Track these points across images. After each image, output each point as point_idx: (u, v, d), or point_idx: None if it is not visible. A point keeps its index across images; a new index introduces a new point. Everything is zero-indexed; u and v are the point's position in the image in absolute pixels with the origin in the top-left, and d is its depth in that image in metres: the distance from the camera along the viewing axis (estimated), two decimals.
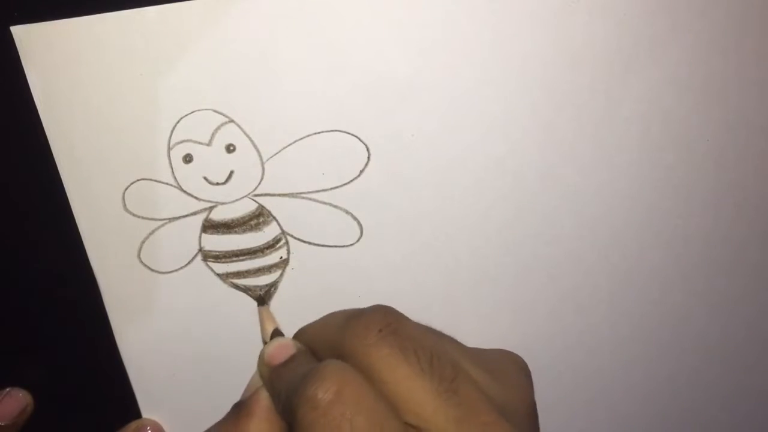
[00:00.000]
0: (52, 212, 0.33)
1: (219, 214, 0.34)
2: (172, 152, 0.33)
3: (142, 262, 0.34)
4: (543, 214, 0.37)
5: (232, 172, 0.33)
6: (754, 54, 0.35)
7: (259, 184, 0.34)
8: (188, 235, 0.34)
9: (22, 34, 0.30)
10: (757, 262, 0.40)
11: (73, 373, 0.36)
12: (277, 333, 0.34)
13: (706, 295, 0.40)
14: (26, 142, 0.32)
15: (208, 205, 0.34)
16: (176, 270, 0.34)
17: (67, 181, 0.32)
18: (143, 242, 0.34)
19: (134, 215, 0.33)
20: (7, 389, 0.35)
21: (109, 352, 0.35)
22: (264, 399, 0.29)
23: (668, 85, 0.35)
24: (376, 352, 0.26)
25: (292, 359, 0.29)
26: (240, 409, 0.30)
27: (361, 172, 0.34)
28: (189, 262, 0.34)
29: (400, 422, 0.25)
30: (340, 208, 0.35)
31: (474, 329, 0.37)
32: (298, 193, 0.34)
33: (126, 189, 0.33)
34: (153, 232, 0.34)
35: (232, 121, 0.32)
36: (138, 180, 0.33)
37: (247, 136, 0.33)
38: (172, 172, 0.33)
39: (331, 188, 0.34)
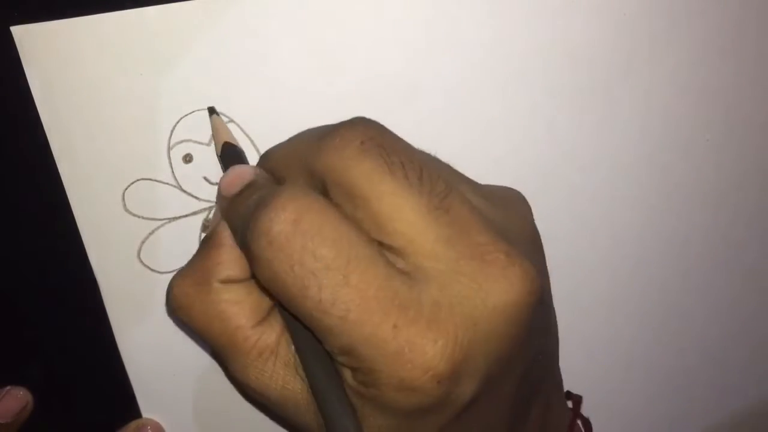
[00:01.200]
0: (52, 212, 0.33)
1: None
2: (172, 152, 0.33)
3: (142, 262, 0.34)
4: (543, 214, 0.37)
5: None
6: (754, 54, 0.36)
7: None
8: (188, 235, 0.34)
9: (22, 34, 0.30)
10: (756, 262, 0.40)
11: (73, 373, 0.36)
12: (229, 148, 0.30)
13: (706, 295, 0.40)
14: (26, 142, 0.32)
15: (208, 205, 0.34)
16: (177, 270, 0.34)
17: (67, 181, 0.32)
18: (143, 242, 0.34)
19: (134, 215, 0.33)
20: (7, 388, 0.35)
21: (109, 352, 0.35)
22: (228, 228, 0.27)
23: (668, 85, 0.35)
24: (357, 166, 0.23)
25: (248, 187, 0.26)
26: (208, 241, 0.27)
27: None
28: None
29: (372, 248, 0.23)
30: None
31: None
32: None
33: (126, 189, 0.33)
34: (153, 232, 0.34)
35: (231, 121, 0.32)
36: (138, 180, 0.33)
37: (247, 136, 0.33)
38: (172, 172, 0.33)
39: None
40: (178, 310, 0.27)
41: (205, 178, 0.33)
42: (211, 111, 0.32)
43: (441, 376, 0.22)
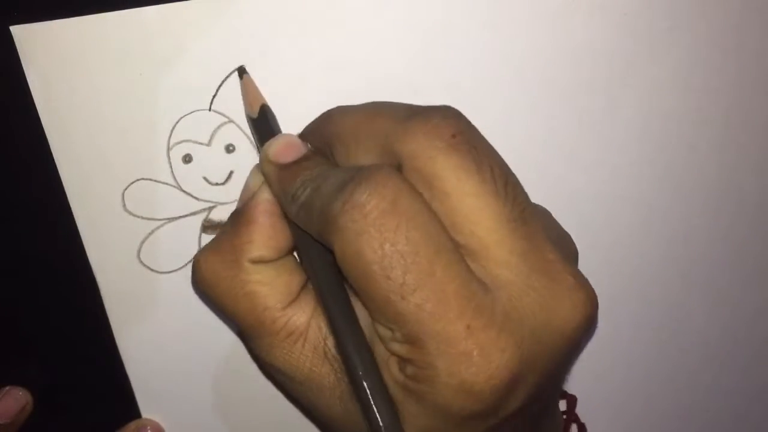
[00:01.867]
0: (51, 212, 0.33)
1: (219, 215, 0.34)
2: (171, 152, 0.33)
3: (141, 262, 0.34)
4: None
5: (231, 173, 0.33)
6: (754, 54, 0.35)
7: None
8: (188, 235, 0.34)
9: (22, 34, 0.30)
10: (757, 261, 0.40)
11: (73, 373, 0.36)
12: (267, 111, 0.29)
13: (706, 295, 0.40)
14: (26, 142, 0.32)
15: (208, 205, 0.34)
16: (176, 270, 0.34)
17: (66, 181, 0.32)
18: (143, 242, 0.34)
19: (134, 215, 0.33)
20: (7, 388, 0.35)
21: (109, 352, 0.35)
22: (265, 203, 0.26)
23: (668, 85, 0.35)
24: (446, 160, 0.22)
25: (306, 158, 0.25)
26: (239, 218, 0.26)
27: None
28: (189, 262, 0.34)
29: (454, 244, 0.22)
30: None
31: None
32: None
33: (126, 189, 0.33)
34: (153, 232, 0.34)
35: (231, 121, 0.32)
36: (138, 180, 0.33)
37: (247, 136, 0.33)
38: (172, 172, 0.33)
39: None
40: (204, 287, 0.26)
41: (205, 178, 0.33)
42: (242, 72, 0.31)
43: (500, 385, 0.22)
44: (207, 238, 0.34)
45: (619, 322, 0.40)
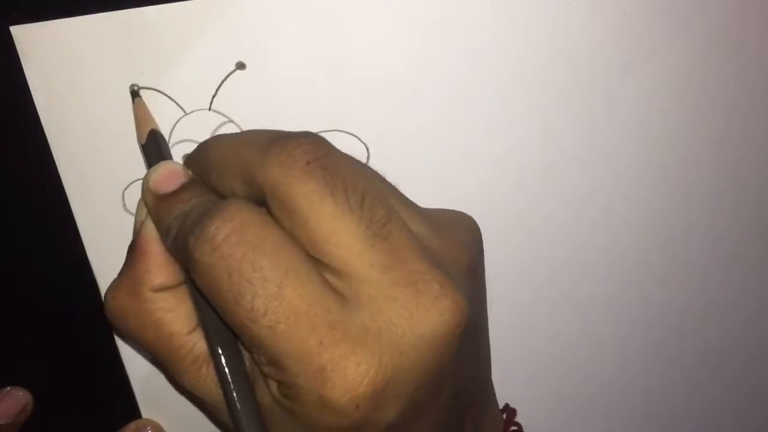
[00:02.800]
0: (51, 212, 0.33)
1: None
2: (171, 152, 0.33)
3: None
4: (543, 214, 0.37)
5: None
6: (754, 54, 0.35)
7: None
8: None
9: (22, 34, 0.30)
10: (756, 261, 0.40)
11: (73, 373, 0.36)
12: (156, 136, 0.30)
13: (706, 295, 0.40)
14: (26, 142, 0.32)
15: None
16: None
17: (66, 181, 0.32)
18: None
19: (134, 215, 0.33)
20: (7, 388, 0.35)
21: (109, 352, 0.35)
22: (152, 232, 0.27)
23: (668, 85, 0.35)
24: (300, 186, 0.23)
25: (183, 189, 0.26)
26: (133, 249, 0.27)
27: None
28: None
29: (309, 265, 0.23)
30: None
31: None
32: None
33: (126, 189, 0.33)
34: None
35: (231, 121, 0.32)
36: (138, 180, 0.33)
37: None
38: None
39: None
40: (114, 320, 0.28)
41: None
42: (134, 93, 0.31)
43: (360, 399, 0.22)
44: None
45: (618, 322, 0.40)
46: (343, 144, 0.33)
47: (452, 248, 0.26)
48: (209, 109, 0.32)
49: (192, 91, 0.32)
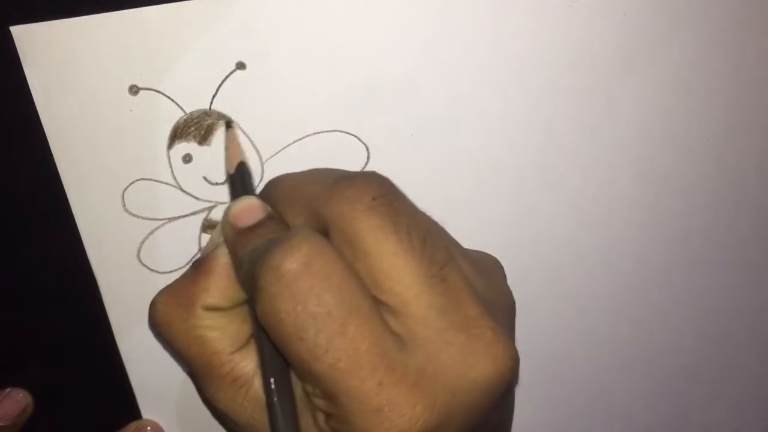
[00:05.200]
0: (51, 212, 0.33)
1: (219, 214, 0.34)
2: (171, 152, 0.33)
3: (141, 262, 0.34)
4: (543, 214, 0.37)
5: None
6: (754, 54, 0.36)
7: (259, 184, 0.34)
8: (188, 235, 0.34)
9: (22, 34, 0.30)
10: (757, 261, 0.40)
11: (73, 373, 0.36)
12: (243, 169, 0.30)
13: (706, 295, 0.40)
14: (26, 142, 0.32)
15: (208, 205, 0.34)
16: (176, 270, 0.34)
17: (66, 181, 0.32)
18: (143, 242, 0.34)
19: (134, 215, 0.33)
20: (7, 390, 0.35)
21: (109, 352, 0.35)
22: (223, 256, 0.27)
23: (668, 85, 0.35)
24: (366, 221, 0.24)
25: (260, 225, 0.27)
26: (199, 267, 0.28)
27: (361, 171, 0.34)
28: (189, 263, 0.34)
29: (371, 303, 0.23)
30: None
31: None
32: None
33: (125, 189, 0.33)
34: (153, 232, 0.34)
35: (231, 121, 0.32)
36: (137, 180, 0.33)
37: (247, 136, 0.33)
38: (172, 171, 0.33)
39: None
40: (159, 325, 0.28)
41: (205, 178, 0.33)
42: (228, 124, 0.32)
43: None
44: (207, 238, 0.34)
45: (619, 323, 0.40)
46: (343, 144, 0.34)
47: (496, 292, 0.27)
48: (209, 109, 0.32)
49: (192, 92, 0.32)
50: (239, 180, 0.30)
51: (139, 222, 0.33)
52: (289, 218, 0.27)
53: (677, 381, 0.41)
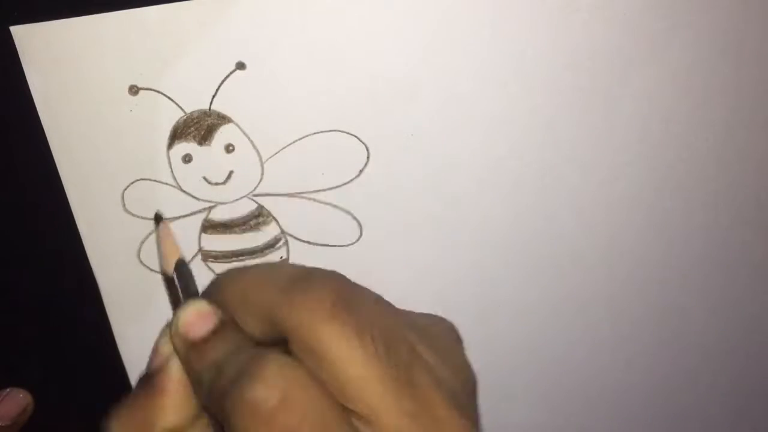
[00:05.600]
0: (52, 212, 0.33)
1: (218, 214, 0.34)
2: (171, 152, 0.33)
3: (141, 262, 0.34)
4: (543, 214, 0.37)
5: (231, 172, 0.33)
6: (754, 54, 0.35)
7: (259, 184, 0.34)
8: (188, 235, 0.34)
9: (22, 34, 0.30)
10: (757, 262, 0.40)
11: (73, 373, 0.36)
12: (183, 268, 0.28)
13: (706, 295, 0.40)
14: (26, 142, 0.32)
15: (208, 205, 0.34)
16: None
17: (66, 181, 0.32)
18: (143, 242, 0.34)
19: (134, 215, 0.33)
20: (7, 390, 0.35)
21: (109, 352, 0.35)
22: (176, 371, 0.26)
23: (668, 85, 0.35)
24: (328, 332, 0.23)
25: (216, 335, 0.25)
26: (150, 384, 0.26)
27: (361, 171, 0.34)
28: (188, 262, 0.34)
29: (348, 425, 0.23)
30: (340, 208, 0.35)
31: (474, 328, 0.37)
32: (297, 193, 0.34)
33: (125, 189, 0.33)
34: (153, 232, 0.34)
35: (231, 121, 0.32)
36: (137, 180, 0.33)
37: (247, 136, 0.33)
38: (172, 172, 0.33)
39: (331, 188, 0.34)
40: None
41: (205, 178, 0.33)
42: (158, 219, 0.31)
43: None
44: (207, 238, 0.34)
45: (619, 322, 0.40)
46: (343, 144, 0.34)
47: (458, 372, 0.26)
48: (209, 109, 0.32)
49: (192, 91, 0.32)
50: (181, 281, 0.28)
51: (139, 222, 0.33)
52: (241, 321, 0.25)
53: (677, 381, 0.41)
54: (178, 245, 0.29)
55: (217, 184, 0.33)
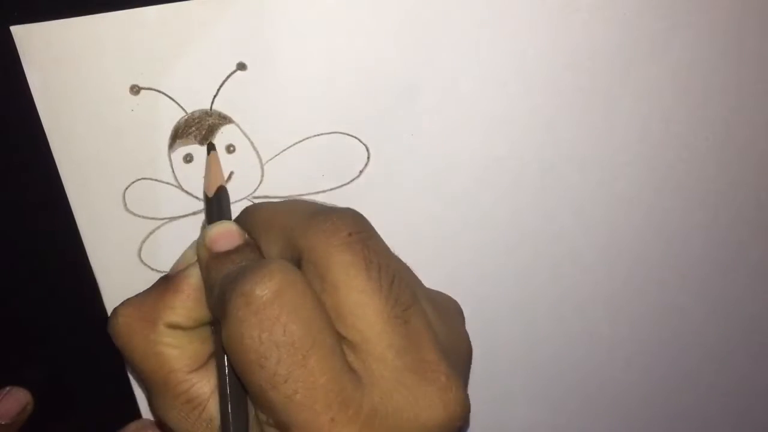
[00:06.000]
0: (52, 212, 0.33)
1: None
2: (172, 152, 0.33)
3: (142, 261, 0.34)
4: (543, 214, 0.37)
5: (231, 173, 0.33)
6: (754, 54, 0.36)
7: (259, 185, 0.34)
8: (189, 234, 0.34)
9: (22, 33, 0.30)
10: (757, 262, 0.40)
11: (73, 373, 0.36)
12: (222, 193, 0.30)
13: (706, 295, 0.40)
14: (26, 142, 0.32)
15: None
16: None
17: (67, 181, 0.32)
18: (143, 242, 0.34)
19: (134, 215, 0.33)
20: (7, 388, 0.35)
21: (109, 352, 0.35)
22: (194, 276, 0.28)
23: (668, 85, 0.35)
24: (339, 256, 0.24)
25: (236, 251, 0.27)
26: (167, 283, 0.28)
27: (361, 172, 0.34)
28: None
29: (334, 339, 0.24)
30: None
31: (474, 328, 0.37)
32: (297, 195, 0.34)
33: (126, 188, 0.33)
34: (153, 231, 0.34)
35: (232, 121, 0.32)
36: (138, 179, 0.33)
37: (247, 137, 0.33)
38: (173, 171, 0.33)
39: (331, 189, 0.34)
40: (118, 337, 0.28)
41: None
42: (210, 147, 0.32)
43: None
44: None
45: (618, 322, 0.40)
46: (343, 145, 0.34)
47: (455, 339, 0.27)
48: (210, 110, 0.32)
49: (192, 92, 0.32)
50: (217, 204, 0.30)
51: (139, 221, 0.33)
52: (264, 246, 0.27)
53: (676, 380, 0.41)
54: (223, 174, 0.32)
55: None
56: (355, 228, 0.25)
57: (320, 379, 0.23)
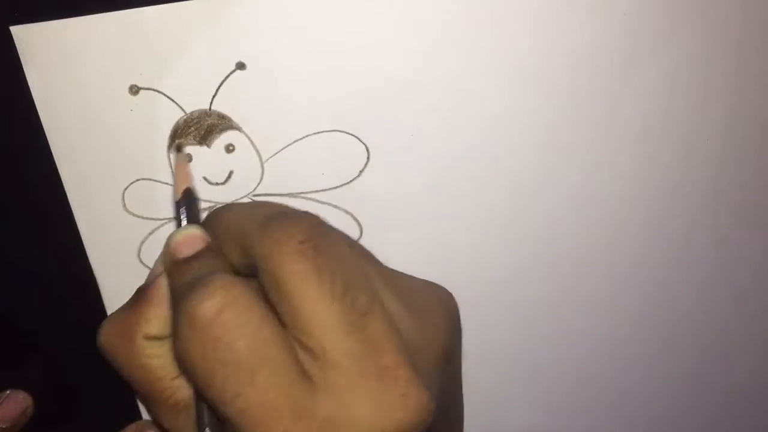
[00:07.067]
0: (52, 212, 0.33)
1: None
2: (171, 152, 0.33)
3: (142, 262, 0.34)
4: (543, 214, 0.37)
5: (231, 173, 0.33)
6: (754, 54, 0.36)
7: (259, 184, 0.34)
8: None
9: (22, 34, 0.30)
10: (757, 262, 0.40)
11: (73, 373, 0.36)
12: (189, 196, 0.30)
13: (706, 295, 0.40)
14: (26, 142, 0.32)
15: (208, 205, 0.34)
16: None
17: (67, 181, 0.32)
18: (143, 242, 0.34)
19: (134, 215, 0.33)
20: (7, 391, 0.35)
21: None
22: (164, 287, 0.28)
23: (668, 85, 0.35)
24: (290, 265, 0.24)
25: (195, 257, 0.27)
26: (140, 294, 0.28)
27: (361, 172, 0.34)
28: None
29: (286, 349, 0.24)
30: (340, 208, 0.35)
31: (474, 328, 0.37)
32: (297, 194, 0.34)
33: (126, 189, 0.33)
34: (153, 231, 0.34)
35: (231, 121, 0.32)
36: (138, 180, 0.33)
37: (247, 136, 0.33)
38: (172, 171, 0.33)
39: (331, 188, 0.34)
40: (104, 354, 0.29)
41: (205, 178, 0.33)
42: (179, 147, 0.32)
43: None
44: None
45: (618, 323, 0.40)
46: (343, 144, 0.34)
47: (428, 333, 0.27)
48: (209, 110, 0.32)
49: (192, 92, 0.32)
50: (185, 207, 0.30)
51: (139, 222, 0.33)
52: (225, 251, 0.27)
53: (677, 381, 0.41)
54: (191, 175, 0.31)
55: (217, 184, 0.33)
56: (307, 234, 0.24)
57: (270, 394, 0.23)
